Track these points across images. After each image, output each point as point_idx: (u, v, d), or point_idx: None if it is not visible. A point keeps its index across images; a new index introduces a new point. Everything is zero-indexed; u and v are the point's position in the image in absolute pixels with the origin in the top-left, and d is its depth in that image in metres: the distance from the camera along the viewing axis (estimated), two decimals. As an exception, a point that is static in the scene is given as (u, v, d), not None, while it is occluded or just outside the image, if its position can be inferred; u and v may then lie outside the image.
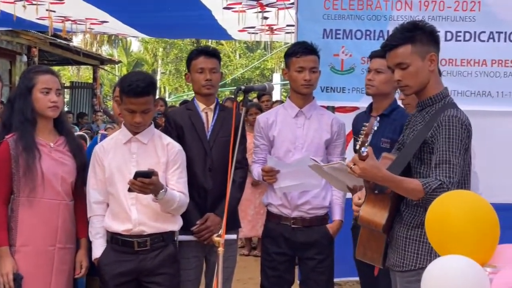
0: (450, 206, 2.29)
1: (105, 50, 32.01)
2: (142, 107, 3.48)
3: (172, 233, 3.64)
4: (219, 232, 3.27)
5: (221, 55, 4.33)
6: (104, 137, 3.95)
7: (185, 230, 3.90)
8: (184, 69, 32.95)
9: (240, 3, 8.34)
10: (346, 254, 4.08)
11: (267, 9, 9.01)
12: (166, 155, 3.59)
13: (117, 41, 33.81)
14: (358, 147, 2.76)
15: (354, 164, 2.79)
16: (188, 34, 13.93)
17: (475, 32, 5.02)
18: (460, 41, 5.04)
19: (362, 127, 2.78)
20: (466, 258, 2.13)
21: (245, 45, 33.29)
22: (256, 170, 4.08)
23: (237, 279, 4.42)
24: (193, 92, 4.24)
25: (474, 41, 5.03)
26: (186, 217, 3.90)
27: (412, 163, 3.00)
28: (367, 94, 4.15)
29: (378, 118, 2.91)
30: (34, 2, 7.97)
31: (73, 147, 3.68)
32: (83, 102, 19.29)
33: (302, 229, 4.00)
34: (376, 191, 2.95)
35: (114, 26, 9.99)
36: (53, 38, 14.42)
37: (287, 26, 9.36)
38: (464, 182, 2.92)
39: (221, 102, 4.53)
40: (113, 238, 3.56)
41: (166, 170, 3.58)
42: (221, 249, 3.25)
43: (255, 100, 9.68)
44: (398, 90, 3.91)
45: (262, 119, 4.16)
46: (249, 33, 10.93)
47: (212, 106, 4.10)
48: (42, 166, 3.50)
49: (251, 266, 6.62)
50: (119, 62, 28.05)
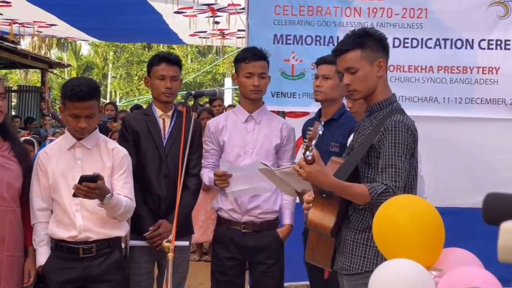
0: (396, 211, 2.32)
1: (54, 54, 31.48)
2: (86, 112, 3.43)
3: (118, 239, 3.60)
4: (169, 238, 3.26)
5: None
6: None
7: (137, 235, 3.88)
8: (135, 73, 32.76)
9: (191, 8, 8.33)
10: (297, 258, 4.10)
11: (219, 14, 9.03)
12: (111, 160, 3.55)
13: (66, 44, 33.31)
14: (303, 152, 2.79)
15: (300, 167, 2.81)
16: (139, 38, 13.85)
17: (422, 39, 5.09)
18: (407, 47, 5.11)
19: (307, 132, 2.81)
20: (412, 262, 2.17)
21: (196, 49, 33.20)
22: (206, 175, 4.07)
23: (188, 285, 4.40)
24: (144, 96, 4.23)
25: (421, 47, 5.10)
26: (139, 222, 3.88)
27: (360, 167, 3.04)
28: (316, 100, 4.20)
29: (322, 123, 2.95)
30: (-21, 5, 7.82)
31: (18, 152, 3.60)
32: (31, 106, 18.93)
33: (252, 233, 4.01)
34: (324, 195, 2.98)
35: (63, 29, 9.87)
36: (-1, 41, 14.13)
37: (239, 31, 9.39)
38: (410, 187, 2.97)
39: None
40: (57, 245, 3.50)
41: (111, 175, 3.54)
42: (170, 254, 3.24)
43: (207, 105, 9.66)
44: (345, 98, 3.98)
45: (212, 124, 4.16)
46: (200, 37, 10.94)
47: (169, 113, 4.08)
48: None
49: (202, 271, 6.58)
50: (69, 65, 27.63)
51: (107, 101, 26.42)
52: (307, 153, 2.78)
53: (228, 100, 20.81)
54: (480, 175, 4.98)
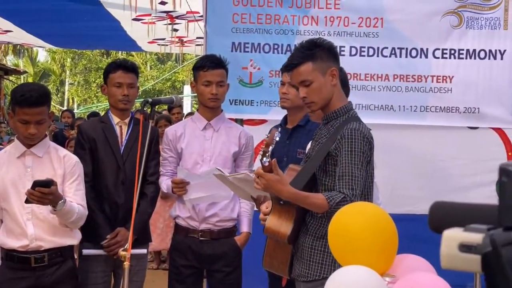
0: (350, 218, 2.35)
1: (9, 60, 30.99)
2: (37, 118, 3.37)
3: (70, 247, 3.56)
4: (126, 246, 3.25)
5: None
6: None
7: (95, 244, 3.84)
8: (93, 80, 32.43)
9: (149, 15, 8.30)
10: (255, 265, 4.10)
11: (177, 21, 9.03)
12: (63, 167, 3.50)
13: (22, 50, 32.85)
14: (260, 158, 2.81)
15: (259, 177, 2.82)
16: (96, 45, 13.74)
17: (378, 47, 5.15)
18: (364, 56, 5.16)
19: (264, 138, 2.83)
20: (366, 268, 2.19)
21: (156, 56, 33.05)
22: (164, 183, 4.06)
23: (145, 293, 4.37)
24: (102, 103, 4.21)
25: (378, 56, 5.15)
26: (97, 231, 3.85)
27: (317, 175, 3.07)
28: (282, 107, 4.17)
29: (279, 129, 2.97)
30: None
31: None
32: (-14, 113, 18.60)
33: (210, 241, 4.00)
34: (281, 202, 2.99)
35: (19, 35, 9.73)
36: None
37: (197, 38, 9.39)
38: (367, 194, 3.01)
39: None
40: (7, 255, 3.44)
41: (63, 183, 3.48)
42: (127, 263, 3.22)
43: (165, 112, 9.63)
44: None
45: (170, 132, 4.14)
46: (159, 44, 10.91)
47: (126, 120, 4.06)
48: None
49: (160, 279, 6.54)
50: (25, 72, 27.24)
51: (65, 108, 26.10)
52: (264, 159, 2.80)
53: (187, 107, 20.76)
54: (434, 182, 5.05)
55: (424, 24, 5.11)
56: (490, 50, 5.10)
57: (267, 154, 2.81)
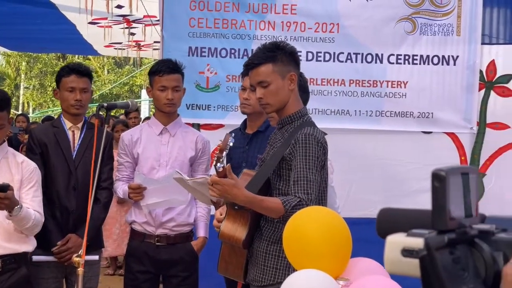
0: (304, 222, 2.36)
1: (-37, 64, 30.44)
2: None
3: (25, 254, 3.51)
4: (80, 252, 3.21)
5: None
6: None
7: (45, 250, 3.78)
8: (49, 84, 31.97)
9: (105, 18, 8.23)
10: (212, 270, 4.09)
11: (134, 25, 8.97)
12: (20, 173, 3.46)
13: (-24, 54, 32.24)
14: (214, 163, 2.80)
15: (213, 184, 2.82)
16: (52, 48, 13.54)
17: (334, 52, 5.19)
18: (320, 61, 5.19)
19: (218, 144, 2.83)
20: (320, 272, 2.20)
21: (113, 60, 32.74)
22: (120, 188, 4.02)
23: (101, 300, 4.34)
24: (58, 108, 4.15)
25: (334, 61, 5.19)
26: (47, 237, 3.79)
27: (271, 179, 3.08)
28: (243, 112, 4.15)
29: (233, 134, 2.97)
30: None
31: None
32: None
33: (166, 246, 3.98)
34: (236, 207, 3.00)
35: (-29, 38, 9.53)
36: None
37: (155, 42, 9.34)
38: (321, 198, 3.02)
39: (88, 118, 4.46)
40: None
41: (20, 189, 3.44)
42: (81, 269, 3.19)
43: (122, 116, 9.54)
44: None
45: (126, 137, 4.11)
46: (115, 48, 10.82)
47: (79, 125, 4.02)
48: None
49: (116, 285, 6.49)
50: (-21, 76, 26.76)
51: (19, 112, 25.68)
52: (218, 164, 2.80)
53: (145, 112, 20.61)
54: (390, 186, 5.11)
55: (379, 30, 5.16)
56: (443, 56, 5.18)
57: (221, 160, 2.81)
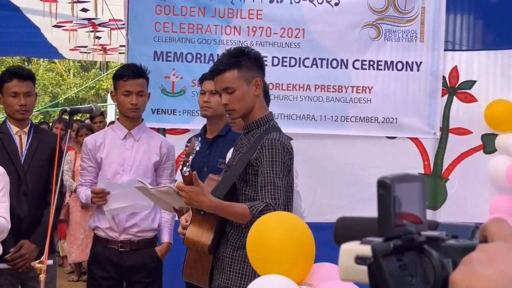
0: (267, 227, 2.37)
1: None
2: None
3: None
4: (42, 258, 3.17)
5: (53, 74, 4.23)
6: None
7: (-2, 258, 3.74)
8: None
9: (70, 22, 8.15)
10: (176, 276, 4.07)
11: (100, 28, 8.90)
12: None
13: None
14: (180, 168, 2.79)
15: (180, 190, 2.81)
16: (16, 52, 13.37)
17: (300, 58, 5.20)
18: (286, 66, 5.20)
19: (184, 148, 2.82)
20: (283, 277, 2.21)
21: (79, 64, 32.45)
22: (83, 193, 3.98)
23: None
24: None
25: (299, 66, 5.21)
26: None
27: (237, 185, 3.08)
28: (203, 116, 4.17)
29: (199, 138, 2.97)
30: None
31: None
32: None
33: (130, 252, 3.95)
34: (202, 212, 2.99)
35: None
36: None
37: (120, 46, 9.28)
38: (287, 203, 3.03)
39: (50, 122, 4.41)
40: None
41: None
42: (42, 276, 3.14)
43: (87, 121, 9.46)
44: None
45: (89, 141, 4.08)
46: (81, 52, 10.73)
47: (26, 129, 3.96)
48: None
49: (81, 292, 6.42)
50: None
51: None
52: (185, 169, 2.79)
53: (111, 116, 20.44)
54: (355, 191, 5.13)
55: (344, 35, 5.20)
56: (407, 62, 5.23)
57: (188, 164, 2.80)
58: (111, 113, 21.44)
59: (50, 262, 3.83)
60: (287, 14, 5.17)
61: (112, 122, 9.70)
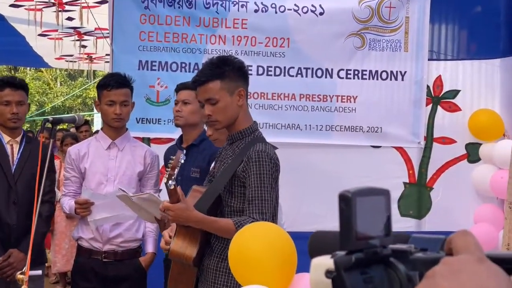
0: (248, 238, 2.36)
1: None
2: None
3: None
4: (23, 269, 3.15)
5: (40, 83, 4.22)
6: None
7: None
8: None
9: (56, 31, 8.13)
10: (160, 286, 4.05)
11: (85, 37, 8.88)
12: None
13: None
14: (165, 181, 2.79)
15: (166, 210, 2.80)
16: (1, 60, 13.30)
17: (285, 67, 5.21)
18: (271, 75, 5.21)
19: (169, 160, 2.81)
20: (265, 288, 2.20)
21: (66, 72, 32.34)
22: (67, 204, 3.96)
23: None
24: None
25: (284, 76, 5.21)
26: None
27: (222, 196, 3.05)
28: (176, 125, 4.20)
29: (184, 151, 2.96)
30: None
31: None
32: None
33: (113, 262, 3.93)
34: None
35: None
36: None
37: (106, 55, 9.25)
38: (274, 214, 3.01)
39: (36, 132, 4.41)
40: None
41: None
42: (25, 287, 3.12)
43: (73, 129, 9.42)
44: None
45: (73, 151, 4.06)
46: (67, 61, 10.69)
47: (18, 138, 3.96)
48: None
49: (65, 302, 6.37)
50: None
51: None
52: (170, 182, 2.78)
53: (98, 125, 20.36)
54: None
55: (328, 45, 5.21)
56: (391, 71, 5.25)
57: (173, 177, 2.79)
58: (98, 121, 21.34)
59: (39, 272, 3.82)
60: (272, 23, 5.17)
61: (98, 131, 9.67)
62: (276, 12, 5.17)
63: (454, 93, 5.37)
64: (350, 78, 5.24)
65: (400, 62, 5.25)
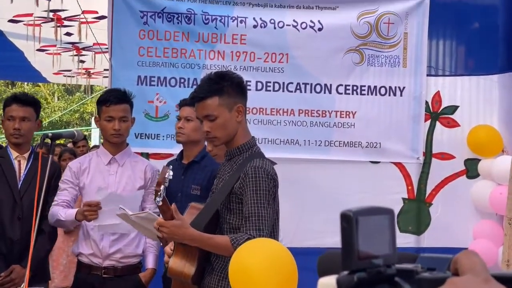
0: (248, 255, 2.35)
1: None
2: None
3: None
4: (22, 285, 3.14)
5: (37, 97, 4.23)
6: None
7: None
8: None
9: (54, 46, 8.15)
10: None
11: (84, 52, 8.90)
12: None
13: None
14: (154, 198, 2.77)
15: (160, 227, 2.79)
16: (0, 75, 13.33)
17: (284, 82, 5.22)
18: (270, 91, 5.21)
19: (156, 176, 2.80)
20: (266, 305, 2.19)
21: (64, 87, 32.35)
22: (62, 211, 3.77)
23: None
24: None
25: (283, 91, 5.22)
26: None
27: (221, 213, 3.03)
28: (178, 142, 4.20)
29: (171, 166, 2.93)
30: None
31: None
32: None
33: (113, 278, 3.91)
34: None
35: None
36: None
37: (105, 70, 9.27)
38: (272, 231, 2.99)
39: (34, 146, 4.41)
40: None
41: None
42: (23, 304, 3.11)
43: (70, 145, 9.41)
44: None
45: (74, 165, 4.05)
46: (65, 76, 10.71)
47: (26, 155, 3.98)
48: None
49: (63, 318, 6.33)
50: None
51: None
52: (157, 199, 2.76)
53: (95, 140, 20.34)
54: (338, 216, 5.11)
55: (327, 60, 5.22)
56: (390, 87, 5.26)
57: (159, 194, 2.77)
58: (95, 137, 21.33)
59: None
60: (271, 39, 5.19)
61: (95, 146, 9.66)
62: (275, 27, 5.18)
63: (453, 108, 5.38)
64: (349, 94, 5.25)
65: (398, 78, 5.26)
